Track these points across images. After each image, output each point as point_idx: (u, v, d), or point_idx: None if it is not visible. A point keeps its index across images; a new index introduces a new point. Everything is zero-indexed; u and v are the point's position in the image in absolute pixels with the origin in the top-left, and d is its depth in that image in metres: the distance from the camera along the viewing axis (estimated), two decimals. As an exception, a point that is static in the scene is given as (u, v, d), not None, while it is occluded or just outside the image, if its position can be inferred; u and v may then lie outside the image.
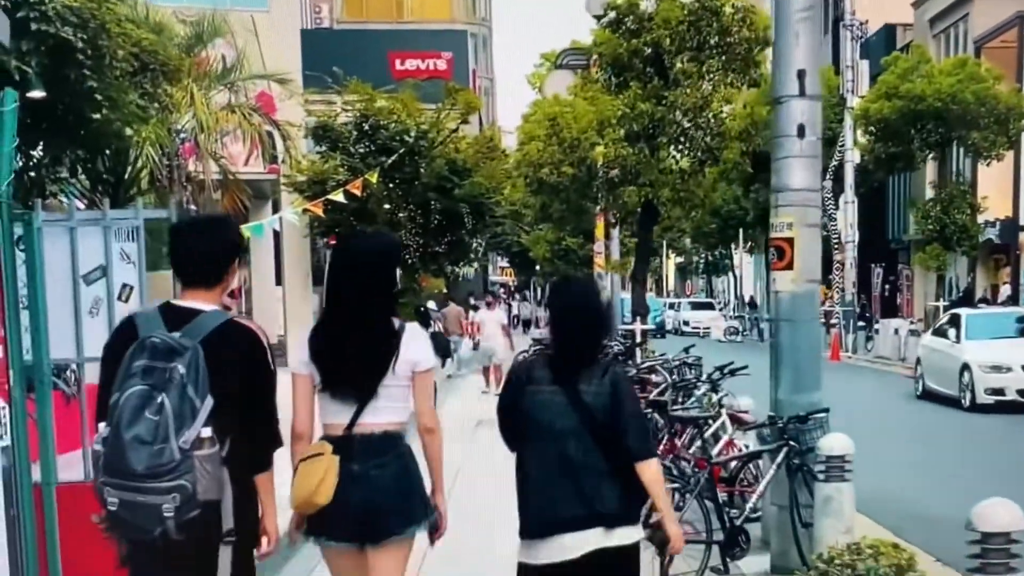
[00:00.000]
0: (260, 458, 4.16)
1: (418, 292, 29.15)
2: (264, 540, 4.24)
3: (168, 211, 6.35)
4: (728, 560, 7.73)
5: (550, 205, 17.44)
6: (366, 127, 29.29)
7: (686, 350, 14.32)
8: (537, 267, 46.53)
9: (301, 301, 30.55)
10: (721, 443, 10.03)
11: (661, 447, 9.46)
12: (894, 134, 30.01)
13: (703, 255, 68.30)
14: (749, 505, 7.92)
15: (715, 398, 11.00)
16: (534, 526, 4.52)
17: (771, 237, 8.25)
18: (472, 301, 37.31)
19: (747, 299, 58.13)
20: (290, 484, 4.41)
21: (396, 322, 4.52)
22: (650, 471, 4.48)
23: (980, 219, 32.19)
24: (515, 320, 48.61)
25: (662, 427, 10.23)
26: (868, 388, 23.32)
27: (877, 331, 32.44)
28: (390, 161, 27.96)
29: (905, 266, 41.73)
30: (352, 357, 4.41)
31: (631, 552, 4.55)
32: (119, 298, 6.01)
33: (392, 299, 4.62)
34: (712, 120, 16.09)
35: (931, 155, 32.15)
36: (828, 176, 36.06)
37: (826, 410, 7.98)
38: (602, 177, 15.97)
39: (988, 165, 30.64)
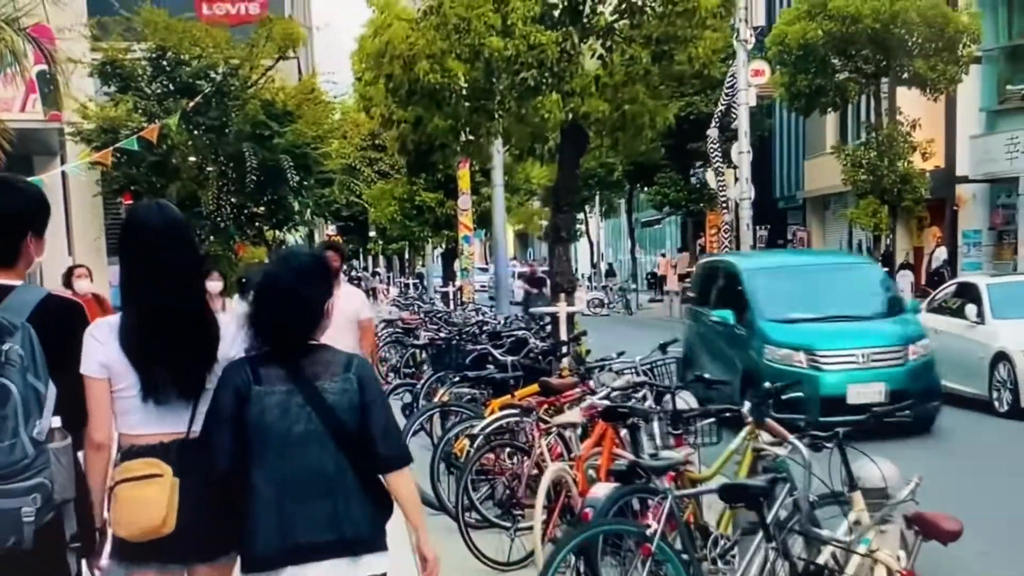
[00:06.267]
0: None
1: (234, 263, 24.58)
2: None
3: None
4: None
5: (428, 121, 11.31)
6: (164, 63, 24.64)
7: (663, 347, 8.75)
8: (372, 232, 40.30)
9: (95, 273, 25.89)
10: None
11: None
12: (820, 63, 24.76)
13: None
14: None
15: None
16: (266, 555, 3.62)
17: None
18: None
19: (604, 268, 54.10)
20: (105, 504, 3.80)
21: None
22: (403, 482, 3.79)
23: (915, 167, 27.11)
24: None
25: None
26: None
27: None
28: (193, 103, 23.57)
29: (800, 227, 36.99)
30: (182, 355, 3.74)
31: None
32: None
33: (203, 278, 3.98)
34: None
35: (872, 89, 26.97)
36: (713, 124, 31.79)
37: None
38: (508, 81, 10.13)
39: (936, 100, 25.86)
